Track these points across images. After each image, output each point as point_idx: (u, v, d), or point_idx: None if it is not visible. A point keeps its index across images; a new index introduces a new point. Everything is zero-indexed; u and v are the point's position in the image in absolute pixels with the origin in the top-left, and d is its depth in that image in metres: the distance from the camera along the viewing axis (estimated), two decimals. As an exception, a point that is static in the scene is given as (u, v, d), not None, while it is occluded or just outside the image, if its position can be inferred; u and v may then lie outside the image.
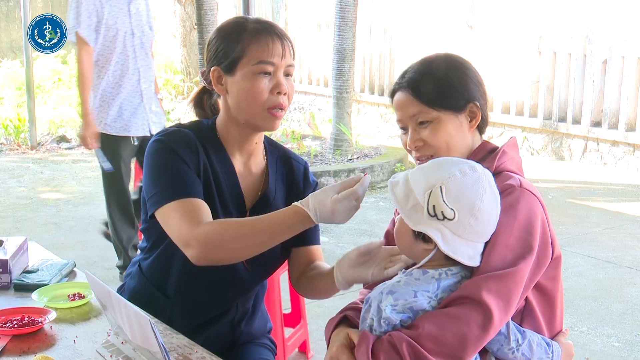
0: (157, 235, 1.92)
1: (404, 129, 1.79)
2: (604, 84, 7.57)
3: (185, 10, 11.51)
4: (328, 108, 8.98)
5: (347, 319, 1.70)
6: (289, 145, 7.52)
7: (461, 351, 1.48)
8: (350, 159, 7.13)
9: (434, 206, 1.49)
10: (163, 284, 1.95)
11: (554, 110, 7.98)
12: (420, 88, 1.73)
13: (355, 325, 1.65)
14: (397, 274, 1.61)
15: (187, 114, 10.21)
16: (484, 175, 1.55)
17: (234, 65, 1.86)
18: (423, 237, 1.54)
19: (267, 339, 2.15)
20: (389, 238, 1.87)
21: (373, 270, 1.68)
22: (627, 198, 6.47)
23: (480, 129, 1.79)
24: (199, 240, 1.71)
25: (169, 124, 10.32)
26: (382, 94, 9.75)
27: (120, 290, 2.06)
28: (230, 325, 2.02)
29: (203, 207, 1.79)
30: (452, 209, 1.49)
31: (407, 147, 1.78)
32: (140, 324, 1.46)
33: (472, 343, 1.49)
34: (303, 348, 3.42)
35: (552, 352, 1.64)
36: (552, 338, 1.70)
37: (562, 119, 7.95)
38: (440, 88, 1.72)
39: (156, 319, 1.83)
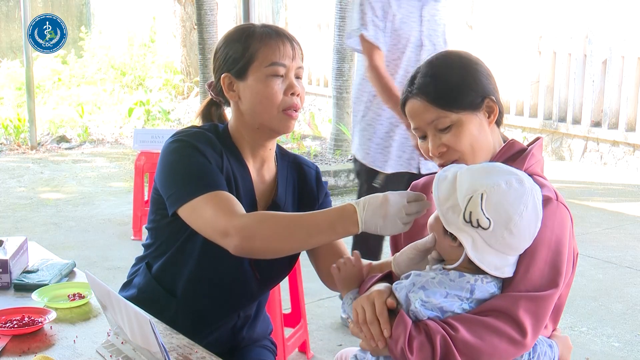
0: (167, 235, 1.90)
1: (423, 136, 1.73)
2: (604, 84, 7.58)
3: (185, 10, 11.51)
4: (328, 108, 8.98)
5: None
6: (289, 146, 7.52)
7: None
8: (350, 159, 7.13)
9: (470, 212, 1.47)
10: (172, 285, 1.93)
11: (554, 110, 7.98)
12: (433, 93, 1.67)
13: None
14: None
15: (187, 114, 10.22)
16: (530, 190, 1.51)
17: (245, 69, 1.85)
18: (452, 236, 1.53)
19: (268, 340, 2.15)
20: None
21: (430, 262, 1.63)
22: (627, 198, 6.47)
23: (498, 122, 1.76)
24: (238, 229, 1.67)
25: (169, 125, 10.26)
26: (382, 94, 9.73)
27: (127, 287, 2.03)
28: (232, 331, 2.01)
29: (235, 200, 1.76)
30: (488, 218, 1.46)
31: (430, 155, 1.72)
32: (140, 324, 1.46)
33: (499, 357, 1.50)
34: (303, 348, 3.42)
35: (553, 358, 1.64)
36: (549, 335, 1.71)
37: (562, 119, 7.95)
38: (454, 89, 1.68)
39: (156, 319, 1.82)
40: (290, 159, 2.04)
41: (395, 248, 1.85)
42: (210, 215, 1.71)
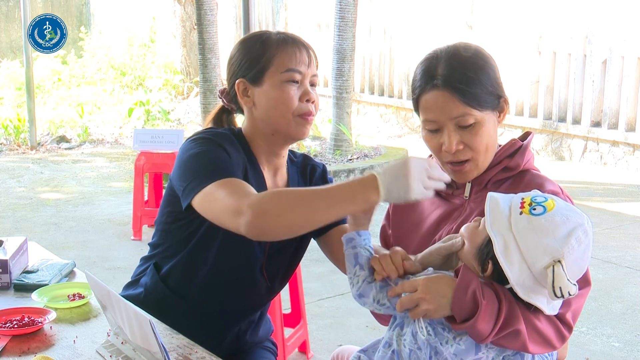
0: (178, 239, 1.89)
1: (436, 130, 1.66)
2: (604, 84, 7.57)
3: (185, 10, 11.51)
4: (328, 108, 8.98)
5: None
6: (289, 146, 7.52)
7: (538, 347, 1.50)
8: (350, 159, 7.13)
9: (560, 288, 1.40)
10: (181, 289, 1.92)
11: (553, 110, 7.98)
12: (463, 87, 1.61)
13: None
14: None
15: (187, 114, 10.21)
16: (591, 233, 1.48)
17: (260, 75, 1.84)
18: (482, 266, 1.49)
19: (269, 342, 2.16)
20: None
21: (453, 263, 1.60)
22: (626, 198, 6.47)
23: None
24: (252, 206, 1.58)
25: (169, 125, 10.22)
26: (382, 94, 9.75)
27: (134, 286, 2.01)
28: (236, 336, 2.01)
29: (248, 185, 1.71)
30: (575, 284, 1.42)
31: (443, 150, 1.66)
32: (140, 324, 1.46)
33: (548, 344, 1.52)
34: (303, 348, 3.42)
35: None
36: None
37: (562, 119, 7.94)
38: (482, 86, 1.63)
39: (159, 320, 1.82)
40: (299, 162, 2.04)
41: (386, 246, 1.84)
42: (223, 197, 1.66)
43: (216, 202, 1.68)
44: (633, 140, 7.35)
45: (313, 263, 4.37)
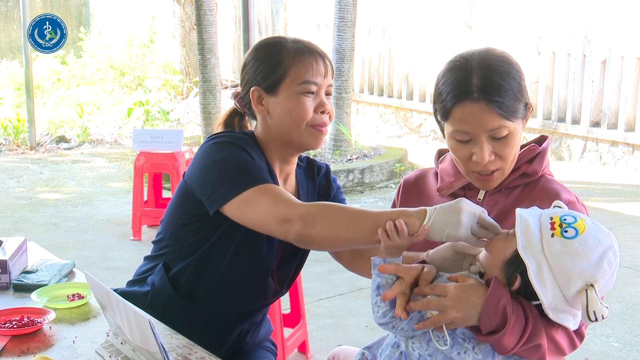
0: (190, 242, 1.88)
1: (467, 141, 1.64)
2: (603, 84, 7.58)
3: (185, 11, 11.51)
4: (327, 108, 8.99)
5: None
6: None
7: (552, 356, 1.52)
8: (350, 159, 7.13)
9: (594, 312, 1.40)
10: (190, 290, 1.91)
11: (553, 110, 7.98)
12: (500, 100, 1.59)
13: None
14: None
15: (186, 114, 10.21)
16: (619, 252, 1.47)
17: (276, 85, 1.83)
18: (509, 278, 1.47)
19: (268, 342, 2.16)
20: None
21: (465, 265, 1.59)
22: (626, 198, 6.47)
23: None
24: (302, 216, 1.63)
25: (168, 125, 10.19)
26: (381, 94, 9.75)
27: (140, 284, 2.00)
28: (238, 337, 2.01)
29: (289, 193, 1.72)
30: (606, 307, 1.42)
31: (474, 160, 1.65)
32: (139, 324, 1.46)
33: (561, 352, 1.54)
34: (302, 348, 3.42)
35: None
36: None
37: (562, 119, 7.95)
38: (514, 96, 1.62)
39: (160, 321, 1.82)
40: (304, 165, 2.04)
41: None
42: (268, 204, 1.68)
43: (259, 208, 1.69)
44: (632, 140, 7.35)
45: (312, 263, 4.37)
